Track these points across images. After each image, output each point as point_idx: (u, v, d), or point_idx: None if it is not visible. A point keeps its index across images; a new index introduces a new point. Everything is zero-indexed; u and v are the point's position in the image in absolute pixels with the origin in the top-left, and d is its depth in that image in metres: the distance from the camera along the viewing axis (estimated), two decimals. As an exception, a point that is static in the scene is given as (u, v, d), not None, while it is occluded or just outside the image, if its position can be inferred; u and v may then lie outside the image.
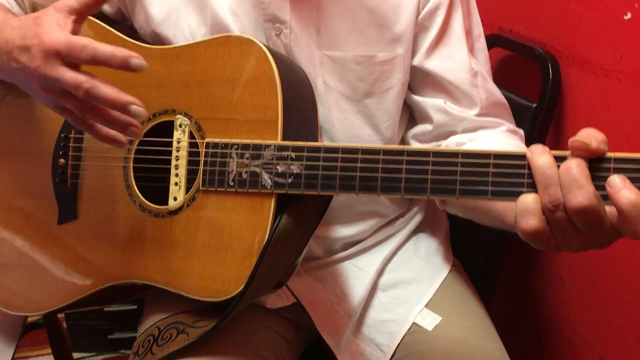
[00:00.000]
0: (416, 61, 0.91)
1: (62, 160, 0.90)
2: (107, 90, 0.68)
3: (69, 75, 0.68)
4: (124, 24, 0.98)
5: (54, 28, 0.69)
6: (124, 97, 0.68)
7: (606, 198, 0.58)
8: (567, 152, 0.61)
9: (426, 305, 0.95)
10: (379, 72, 0.89)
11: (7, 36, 0.73)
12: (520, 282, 1.26)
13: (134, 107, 0.69)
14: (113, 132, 0.75)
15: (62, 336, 1.19)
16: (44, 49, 0.68)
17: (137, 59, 0.67)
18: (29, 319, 1.63)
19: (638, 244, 0.94)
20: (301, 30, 0.87)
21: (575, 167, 0.58)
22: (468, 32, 0.92)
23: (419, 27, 0.89)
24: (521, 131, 0.95)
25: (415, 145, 0.96)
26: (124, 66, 0.67)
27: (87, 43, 0.67)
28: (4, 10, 0.83)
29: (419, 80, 0.93)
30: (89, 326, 1.76)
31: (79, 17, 0.72)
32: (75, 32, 0.71)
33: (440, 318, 0.93)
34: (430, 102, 0.92)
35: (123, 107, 0.69)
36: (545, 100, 1.06)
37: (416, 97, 0.93)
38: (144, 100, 0.85)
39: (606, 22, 0.98)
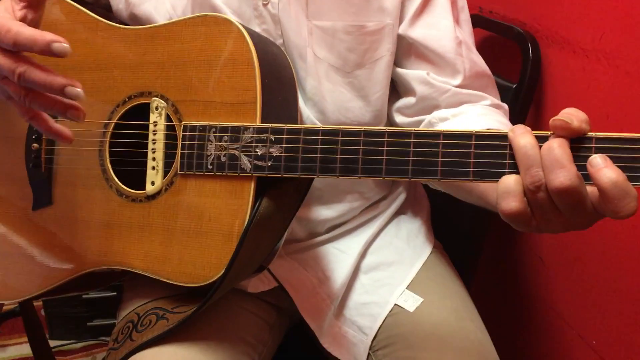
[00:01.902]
0: (401, 30, 0.90)
1: (35, 145, 0.88)
2: (39, 74, 0.65)
3: (2, 61, 0.65)
4: (98, 4, 0.95)
5: None
6: (58, 79, 0.65)
7: (588, 178, 0.58)
8: (549, 133, 0.61)
9: (408, 287, 0.96)
10: (369, 42, 0.88)
11: None
12: (501, 263, 1.27)
13: (69, 89, 0.65)
14: (57, 126, 0.72)
15: (39, 323, 1.17)
16: None
17: (58, 44, 0.64)
18: (6, 307, 1.61)
19: (617, 223, 0.95)
20: (289, 0, 0.85)
21: (557, 147, 0.58)
22: (453, 3, 0.92)
23: None
24: (505, 106, 0.95)
25: (399, 119, 0.95)
26: (46, 51, 0.64)
27: (11, 27, 0.64)
28: None
29: (403, 50, 0.92)
30: (67, 314, 1.74)
31: (28, 3, 0.68)
32: (24, 18, 0.67)
33: (421, 299, 0.93)
34: (413, 74, 0.91)
35: (58, 90, 0.66)
36: (525, 81, 1.06)
37: (399, 70, 0.92)
38: (118, 82, 0.84)
39: (586, 1, 0.97)
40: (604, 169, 0.56)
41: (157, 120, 0.81)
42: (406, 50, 0.92)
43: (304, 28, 0.86)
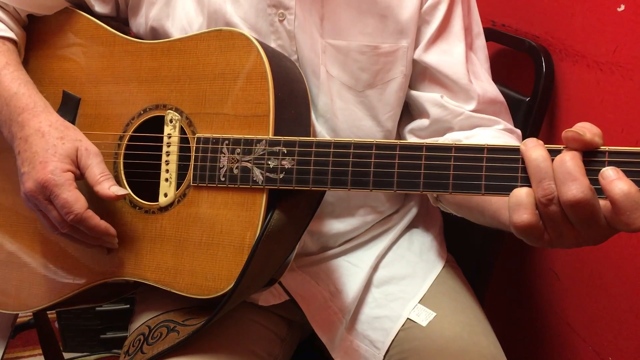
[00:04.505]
0: (416, 55, 0.90)
1: (50, 157, 0.89)
2: (98, 225, 0.78)
3: (66, 195, 0.76)
4: (117, 18, 0.97)
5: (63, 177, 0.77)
6: (110, 232, 0.80)
7: (600, 192, 0.57)
8: (562, 146, 0.60)
9: (420, 301, 0.95)
10: (382, 63, 0.88)
11: (38, 143, 0.80)
12: (514, 277, 1.26)
13: (109, 240, 0.81)
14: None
15: (53, 336, 1.18)
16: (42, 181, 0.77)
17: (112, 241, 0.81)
18: (20, 319, 1.61)
19: (632, 238, 0.94)
20: (305, 17, 0.86)
21: (570, 160, 0.57)
22: (467, 30, 0.92)
23: (421, 21, 0.89)
24: (518, 131, 0.95)
25: (412, 140, 0.95)
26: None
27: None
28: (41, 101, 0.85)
29: (417, 74, 0.92)
30: (81, 326, 1.75)
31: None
32: None
33: (434, 314, 0.92)
34: (427, 97, 0.91)
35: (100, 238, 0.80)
36: (538, 94, 1.06)
37: (413, 92, 0.93)
38: (134, 95, 0.85)
39: (599, 14, 0.97)
40: (616, 181, 0.56)
41: (171, 132, 0.81)
42: (421, 74, 0.92)
43: (318, 45, 0.87)
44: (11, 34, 0.89)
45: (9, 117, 0.82)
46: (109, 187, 0.78)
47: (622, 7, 0.92)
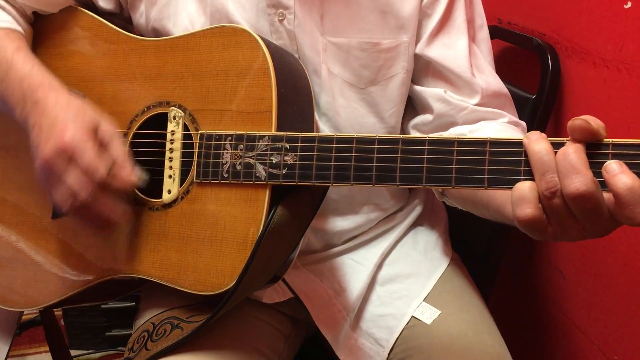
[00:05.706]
0: (418, 49, 0.90)
1: (56, 154, 0.89)
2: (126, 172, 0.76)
3: (90, 155, 0.73)
4: (120, 16, 0.97)
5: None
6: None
7: (604, 185, 0.57)
8: (565, 139, 0.60)
9: (425, 299, 0.95)
10: (383, 60, 0.88)
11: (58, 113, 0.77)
12: (520, 276, 1.26)
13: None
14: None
15: (59, 332, 1.18)
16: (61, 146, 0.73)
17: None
18: (26, 316, 1.63)
19: (638, 237, 0.93)
20: (305, 16, 0.86)
21: (573, 153, 0.57)
22: (470, 22, 0.92)
23: (422, 15, 0.89)
24: (523, 123, 0.94)
25: (416, 135, 0.95)
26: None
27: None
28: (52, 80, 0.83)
29: (420, 69, 0.92)
30: (86, 323, 1.75)
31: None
32: None
33: (439, 312, 0.92)
34: (430, 92, 0.91)
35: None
36: (544, 92, 1.05)
37: (417, 87, 0.92)
38: (138, 92, 0.85)
39: (606, 11, 0.97)
40: (619, 175, 0.55)
41: (174, 129, 0.82)
42: (423, 68, 0.92)
43: (319, 44, 0.87)
44: (19, 28, 0.89)
45: (23, 97, 0.80)
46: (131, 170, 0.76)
47: (629, 5, 0.92)
